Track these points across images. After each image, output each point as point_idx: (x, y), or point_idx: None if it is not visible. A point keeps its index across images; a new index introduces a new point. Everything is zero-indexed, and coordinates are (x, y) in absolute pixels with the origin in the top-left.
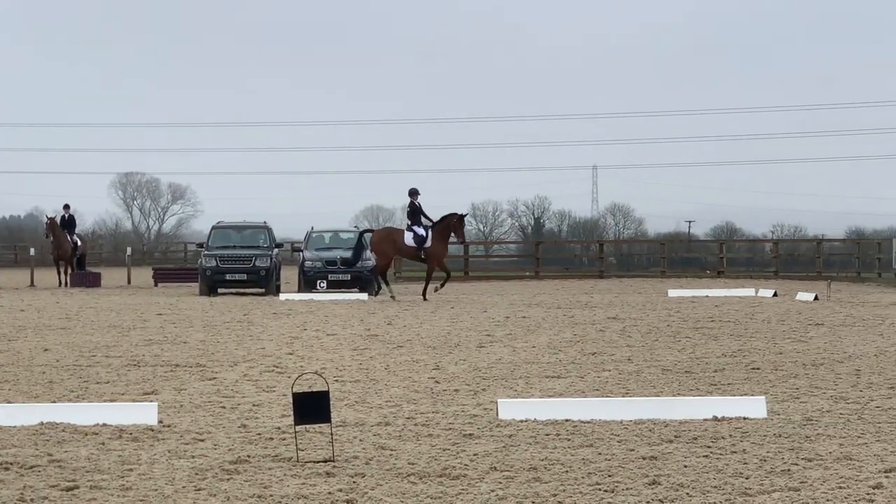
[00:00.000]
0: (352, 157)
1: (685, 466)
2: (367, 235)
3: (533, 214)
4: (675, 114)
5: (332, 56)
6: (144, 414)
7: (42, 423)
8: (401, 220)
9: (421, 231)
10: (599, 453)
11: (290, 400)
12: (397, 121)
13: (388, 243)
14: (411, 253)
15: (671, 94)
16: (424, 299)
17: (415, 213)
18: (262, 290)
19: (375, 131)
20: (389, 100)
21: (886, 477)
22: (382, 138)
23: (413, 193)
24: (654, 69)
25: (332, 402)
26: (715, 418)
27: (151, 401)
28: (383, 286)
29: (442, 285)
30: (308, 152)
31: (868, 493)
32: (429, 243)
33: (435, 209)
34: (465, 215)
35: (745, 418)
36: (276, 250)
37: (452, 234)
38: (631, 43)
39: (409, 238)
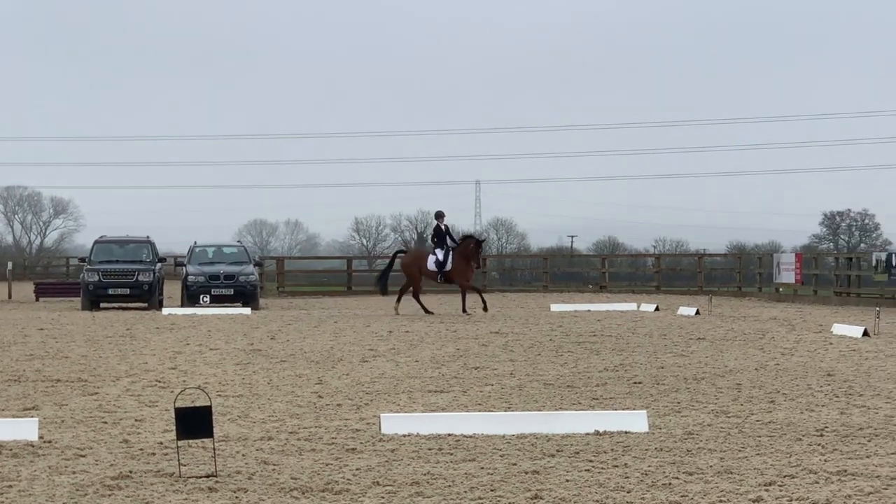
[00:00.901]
0: (235, 172)
1: (567, 480)
2: (401, 256)
3: (416, 229)
4: (557, 129)
5: (216, 70)
6: (25, 429)
7: None
8: (283, 235)
9: (440, 255)
10: (482, 467)
11: (173, 415)
12: (282, 135)
13: (414, 266)
14: (432, 276)
15: (553, 109)
16: (464, 312)
17: (440, 235)
18: (145, 305)
19: (259, 146)
20: (274, 114)
21: (766, 490)
22: (266, 153)
23: (439, 216)
24: (537, 84)
25: (214, 417)
26: (597, 432)
27: (32, 416)
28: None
29: (484, 306)
30: (191, 167)
31: None
32: (448, 266)
33: (318, 223)
34: (483, 241)
35: (626, 432)
36: (158, 265)
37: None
38: (513, 58)
39: (430, 262)
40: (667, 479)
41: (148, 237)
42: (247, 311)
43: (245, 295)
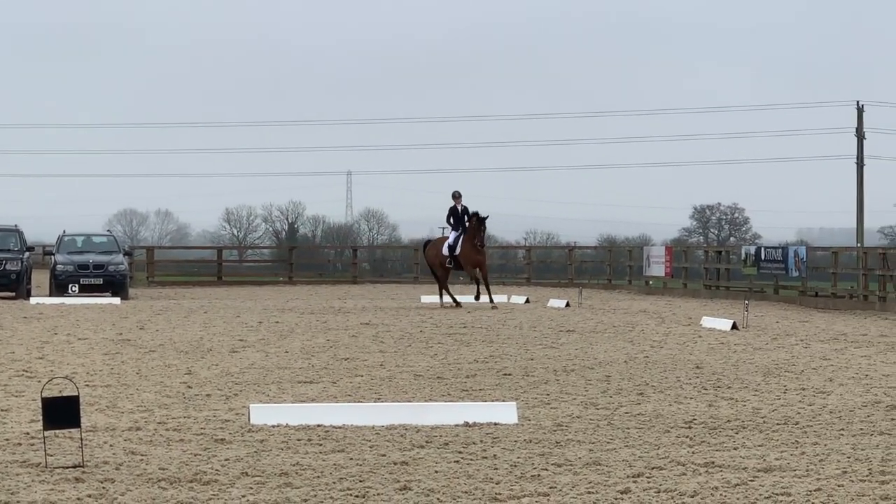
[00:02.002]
0: (106, 161)
1: (436, 472)
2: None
3: (287, 219)
4: (429, 120)
5: (87, 59)
6: None
7: None
8: (154, 225)
9: (451, 238)
10: (351, 458)
11: (40, 405)
12: (153, 124)
13: (435, 257)
14: (445, 261)
15: (426, 102)
16: (491, 304)
17: (456, 217)
18: (13, 294)
19: (130, 135)
20: (144, 103)
21: (634, 482)
22: (137, 142)
23: (455, 196)
24: (410, 77)
25: (82, 407)
26: (466, 424)
27: None
28: (446, 298)
29: (477, 294)
30: (61, 155)
31: (616, 498)
32: (458, 250)
33: (189, 213)
34: (486, 217)
35: (496, 424)
36: (27, 253)
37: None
38: (385, 52)
39: (444, 247)
40: (536, 471)
41: (16, 226)
42: (116, 300)
43: (114, 284)
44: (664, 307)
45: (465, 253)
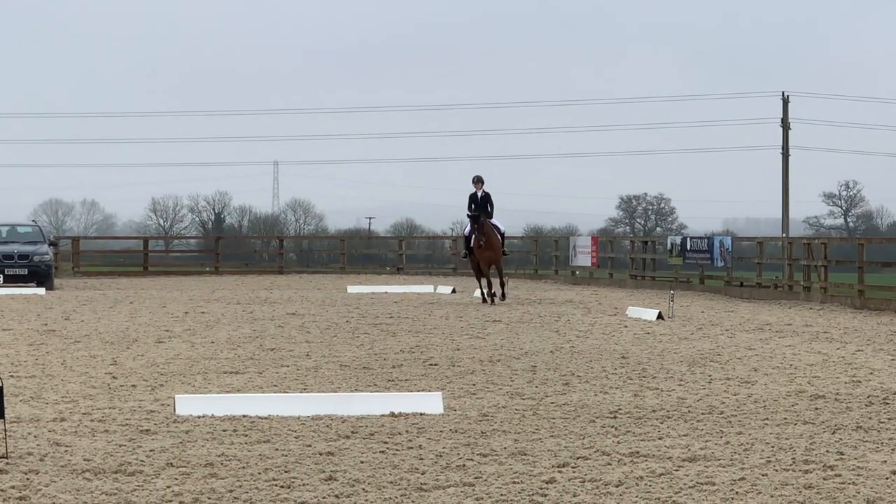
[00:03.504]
0: (30, 150)
1: (362, 462)
2: None
3: (213, 209)
4: (356, 110)
5: (10, 46)
6: None
7: None
8: (80, 215)
9: (466, 230)
10: (276, 449)
11: None
12: (78, 114)
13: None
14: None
15: (354, 91)
16: (503, 299)
17: (477, 205)
18: None
19: (55, 124)
20: (69, 92)
21: (559, 472)
22: (63, 131)
23: (474, 182)
24: (337, 66)
25: (6, 398)
26: (392, 414)
27: None
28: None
29: (497, 292)
30: None
31: (541, 488)
32: (472, 242)
33: (115, 203)
34: (476, 216)
35: (421, 414)
36: None
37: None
38: (312, 41)
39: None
40: (461, 461)
41: None
42: (41, 291)
43: (39, 275)
44: (590, 297)
45: (476, 250)
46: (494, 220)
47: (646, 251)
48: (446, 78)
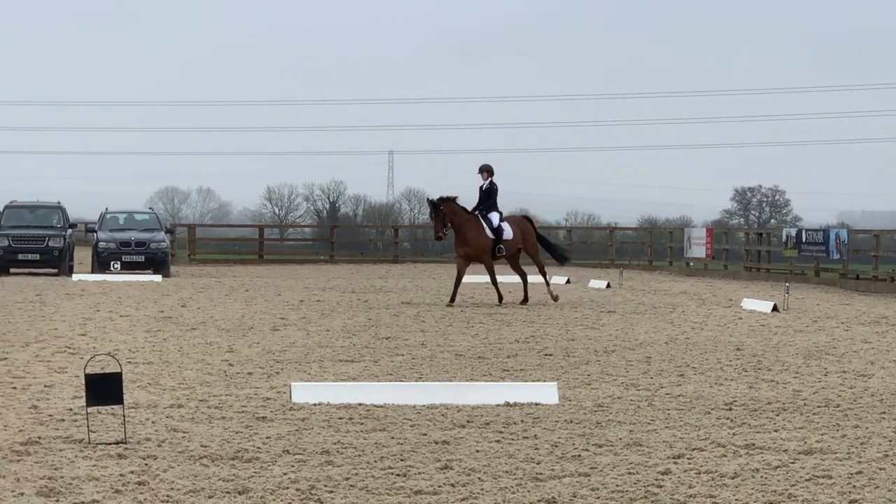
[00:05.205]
0: (148, 138)
1: (477, 451)
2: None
3: (328, 198)
4: (470, 100)
5: (130, 35)
6: None
7: None
8: (195, 203)
9: (495, 219)
10: (392, 437)
11: (83, 381)
12: (194, 102)
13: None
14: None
15: (467, 81)
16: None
17: (479, 197)
18: (55, 271)
19: (172, 112)
20: (186, 81)
21: (675, 463)
22: (179, 119)
23: (479, 171)
24: (451, 56)
25: (124, 384)
26: (507, 404)
27: None
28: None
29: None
30: (103, 132)
31: (657, 479)
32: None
33: (231, 191)
34: (433, 200)
35: (536, 404)
36: (69, 231)
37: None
38: (427, 30)
39: (487, 230)
40: (576, 451)
41: (59, 203)
42: (157, 278)
43: (156, 262)
44: (705, 289)
45: (456, 247)
46: (493, 214)
47: (761, 243)
48: (557, 67)
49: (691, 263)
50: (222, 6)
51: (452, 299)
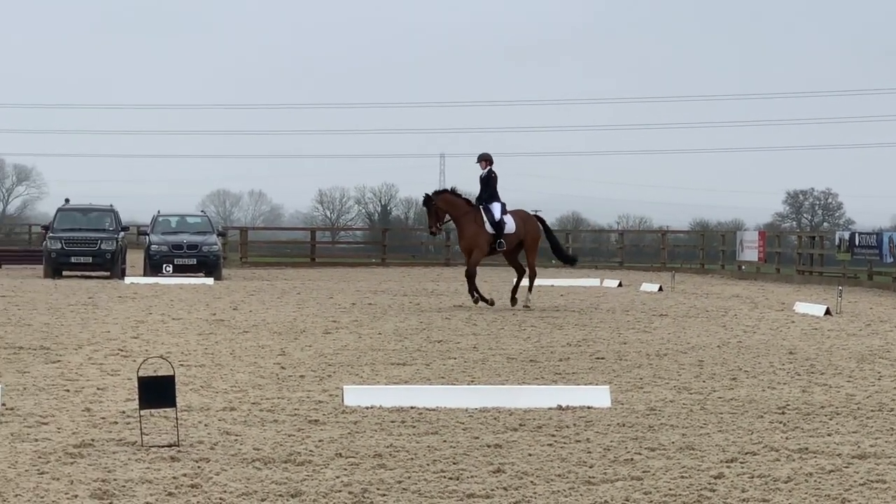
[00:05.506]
0: (200, 142)
1: (529, 455)
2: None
3: (380, 201)
4: (522, 103)
5: (181, 39)
6: None
7: None
8: (247, 206)
9: (497, 211)
10: (444, 441)
11: (135, 384)
12: (247, 105)
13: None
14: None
15: (519, 84)
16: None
17: (480, 187)
18: (108, 274)
19: (224, 116)
20: (233, 85)
21: (728, 467)
22: (230, 123)
23: (480, 160)
24: (502, 59)
25: (177, 387)
26: (559, 407)
27: None
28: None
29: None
30: (155, 135)
31: (710, 483)
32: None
33: (282, 194)
34: (426, 197)
35: (589, 407)
36: (122, 233)
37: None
38: (478, 33)
39: (487, 223)
40: (629, 455)
41: (111, 206)
42: (209, 281)
43: (208, 265)
44: (757, 292)
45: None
46: (494, 205)
47: (813, 246)
48: (608, 70)
49: (743, 267)
50: (270, 7)
51: (479, 298)
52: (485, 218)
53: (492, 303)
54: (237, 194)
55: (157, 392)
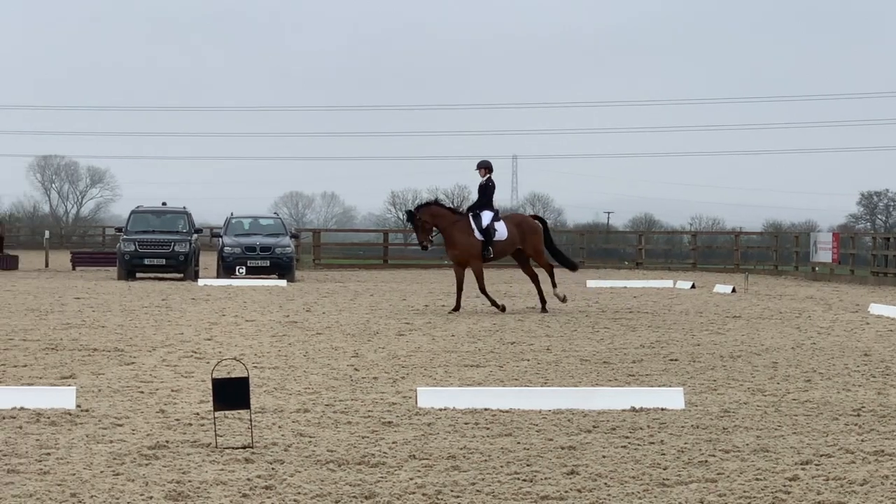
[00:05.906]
0: (272, 144)
1: (603, 456)
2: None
3: (452, 203)
4: (595, 105)
5: (251, 43)
6: (62, 398)
7: None
8: (320, 208)
9: (486, 218)
10: (518, 442)
11: (209, 385)
12: (318, 107)
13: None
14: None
15: (592, 86)
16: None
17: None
18: (181, 276)
19: (296, 118)
20: (311, 87)
21: (803, 469)
22: (303, 125)
23: (479, 168)
24: (575, 61)
25: (251, 389)
26: (633, 409)
27: (69, 385)
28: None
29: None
30: (228, 138)
31: (784, 485)
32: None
33: (354, 196)
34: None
35: (662, 409)
36: (195, 235)
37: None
38: (552, 35)
39: (476, 231)
40: (703, 457)
41: (185, 208)
42: (283, 283)
43: (281, 267)
44: (831, 294)
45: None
46: (485, 213)
47: (888, 248)
48: (684, 72)
49: (817, 268)
50: (343, 13)
51: (456, 307)
52: (473, 225)
53: (503, 308)
54: (310, 196)
55: (231, 394)
